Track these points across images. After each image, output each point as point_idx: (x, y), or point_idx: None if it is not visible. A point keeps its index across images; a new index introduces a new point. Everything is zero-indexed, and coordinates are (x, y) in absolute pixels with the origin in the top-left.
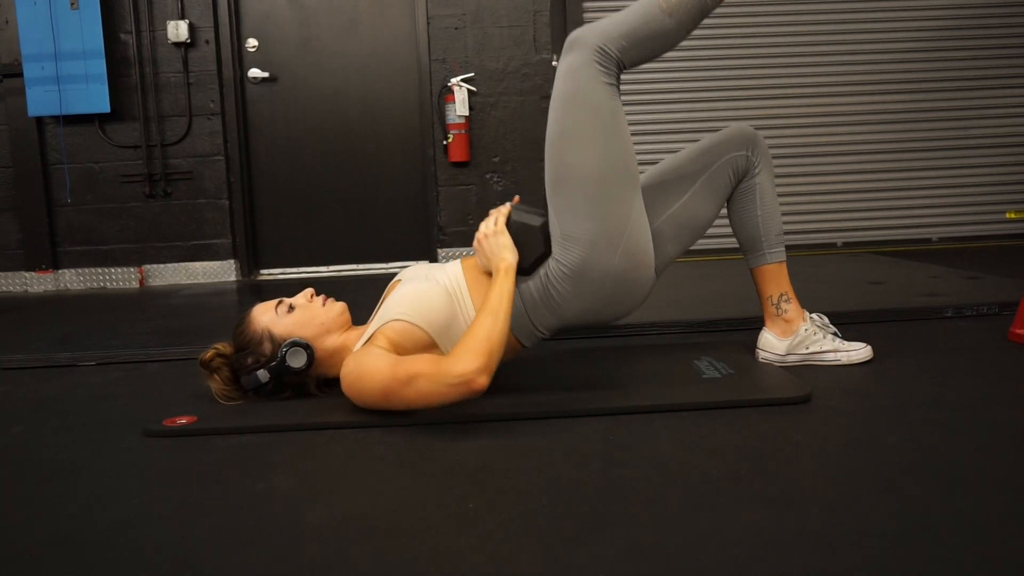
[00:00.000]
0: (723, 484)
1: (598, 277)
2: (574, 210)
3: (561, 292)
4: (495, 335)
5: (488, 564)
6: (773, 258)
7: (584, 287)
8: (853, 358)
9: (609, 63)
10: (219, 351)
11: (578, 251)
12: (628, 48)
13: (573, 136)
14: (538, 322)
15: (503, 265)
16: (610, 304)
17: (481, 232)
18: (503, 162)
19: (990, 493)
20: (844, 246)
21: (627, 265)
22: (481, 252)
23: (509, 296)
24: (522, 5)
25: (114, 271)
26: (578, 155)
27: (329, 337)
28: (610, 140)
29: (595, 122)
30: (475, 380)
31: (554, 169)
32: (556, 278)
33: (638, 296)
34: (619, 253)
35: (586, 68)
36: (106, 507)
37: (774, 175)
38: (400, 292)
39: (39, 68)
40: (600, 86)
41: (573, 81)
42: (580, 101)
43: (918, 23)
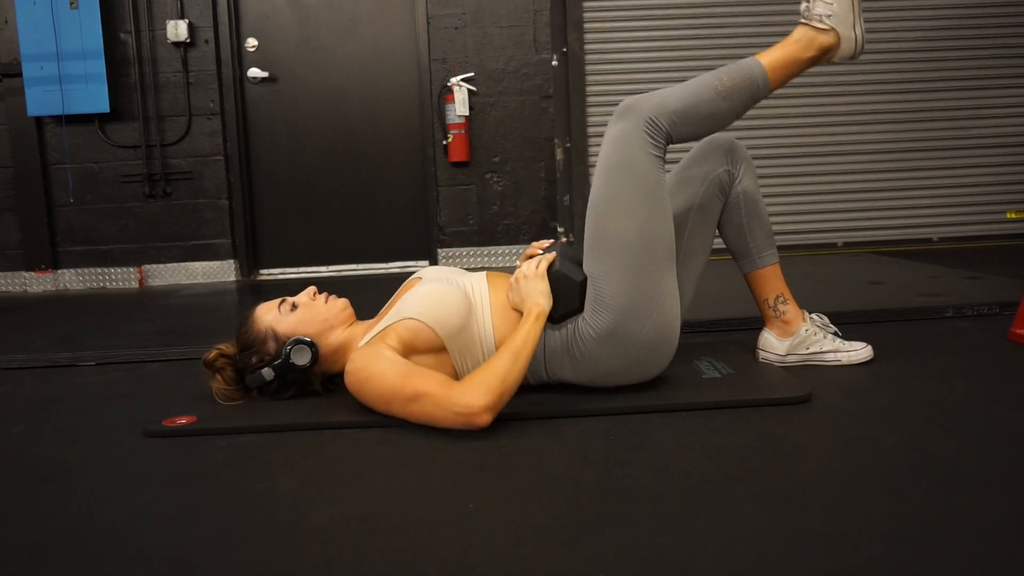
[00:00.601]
0: (723, 484)
1: (624, 344)
2: (609, 276)
3: (584, 352)
4: (511, 377)
5: (488, 564)
6: (764, 262)
7: (609, 351)
8: (854, 358)
9: (658, 135)
10: (222, 351)
11: (609, 317)
12: (679, 124)
13: (617, 203)
14: (552, 371)
15: (536, 310)
16: (629, 372)
17: (522, 271)
18: (503, 162)
19: (990, 493)
20: (844, 246)
21: (654, 337)
22: (516, 290)
23: (535, 341)
24: (522, 5)
25: (114, 271)
26: (620, 223)
27: (333, 333)
28: (653, 212)
29: (640, 193)
30: (480, 416)
31: (595, 234)
32: (583, 338)
33: (657, 367)
34: (648, 324)
35: (635, 137)
36: (106, 507)
37: (756, 177)
38: (420, 290)
39: (39, 68)
40: (647, 157)
41: (622, 150)
42: (627, 170)
43: (917, 23)
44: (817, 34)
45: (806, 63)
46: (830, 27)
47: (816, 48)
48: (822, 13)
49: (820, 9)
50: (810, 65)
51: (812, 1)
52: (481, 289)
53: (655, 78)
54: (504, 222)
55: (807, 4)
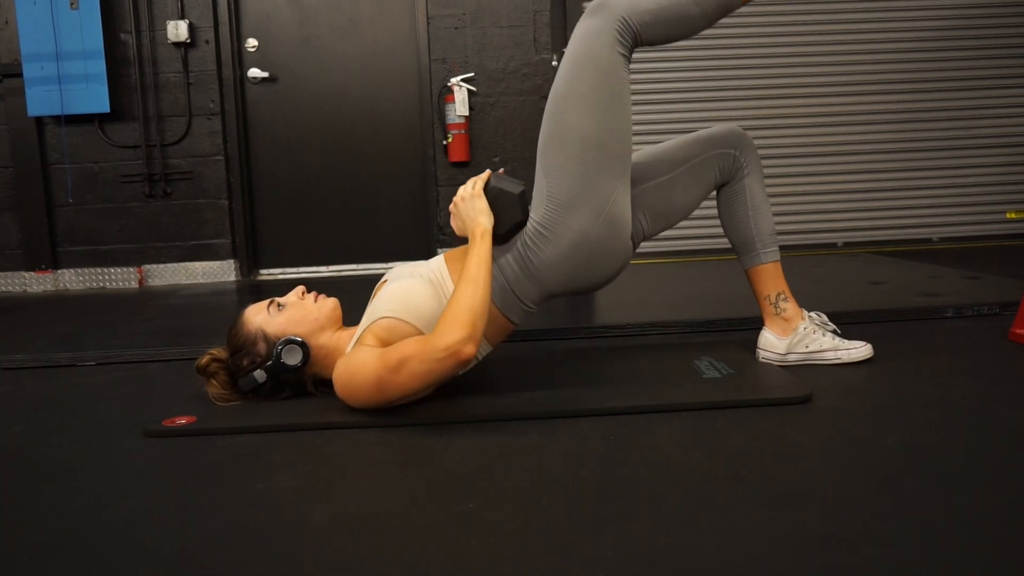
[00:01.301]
0: (723, 484)
1: (576, 240)
2: (563, 170)
3: (540, 257)
4: (477, 302)
5: (488, 564)
6: (767, 258)
7: (562, 250)
8: (853, 356)
9: (627, 35)
10: (214, 356)
11: (559, 211)
12: (650, 24)
13: (579, 97)
14: (522, 295)
15: (479, 230)
16: (587, 270)
17: (458, 195)
18: (503, 162)
19: (990, 493)
20: (844, 246)
21: (606, 232)
22: (457, 215)
23: (487, 261)
24: (522, 5)
25: (114, 271)
26: (580, 117)
27: (323, 334)
28: (613, 109)
29: (603, 88)
30: (462, 350)
31: (552, 126)
32: (534, 241)
33: (614, 264)
34: (600, 219)
35: (606, 35)
36: (106, 507)
37: (763, 176)
38: (385, 291)
39: (39, 68)
40: (614, 55)
41: (590, 44)
42: (592, 65)
43: (918, 23)
44: None
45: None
46: None
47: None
48: None
49: None
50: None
51: None
52: (439, 268)
53: (655, 78)
54: None
55: None
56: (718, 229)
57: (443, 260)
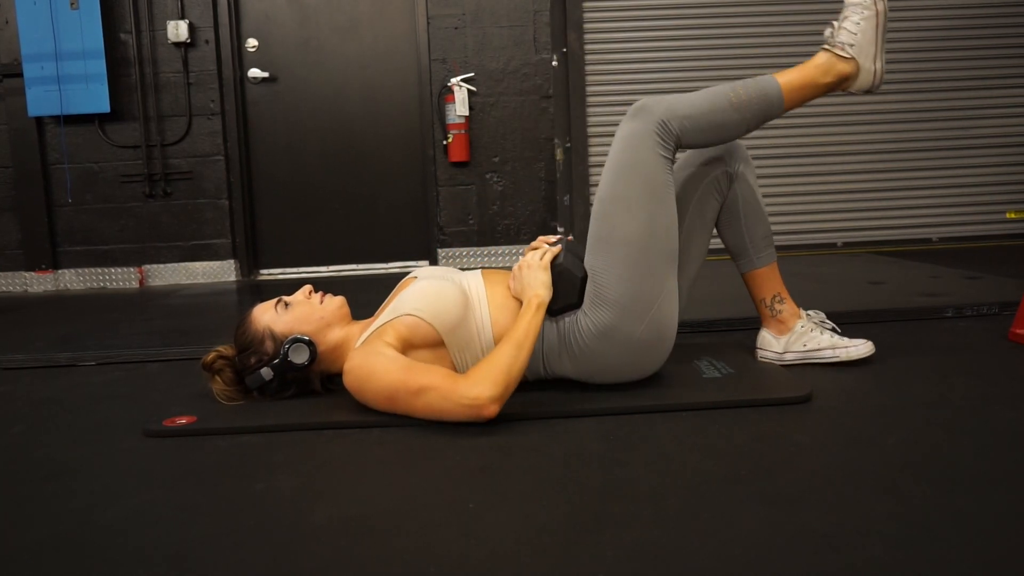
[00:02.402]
0: (723, 484)
1: (621, 341)
2: (611, 273)
3: (581, 347)
4: (516, 367)
5: (488, 564)
6: (761, 262)
7: (606, 348)
8: (852, 354)
9: (668, 138)
10: (220, 353)
11: (607, 312)
12: (689, 130)
13: (624, 202)
14: (550, 366)
15: (536, 301)
16: (626, 368)
17: (525, 261)
18: (503, 162)
19: (990, 493)
20: (844, 246)
21: (651, 336)
22: (519, 279)
23: (536, 331)
24: (522, 5)
25: (114, 271)
26: (625, 219)
27: (330, 332)
28: (658, 211)
29: (647, 193)
30: (487, 407)
31: (599, 228)
32: (581, 332)
33: (654, 365)
34: (646, 322)
35: (647, 137)
36: (106, 507)
37: (755, 176)
38: (417, 287)
39: (39, 68)
40: (656, 158)
41: (632, 149)
42: (635, 170)
43: (918, 23)
44: (837, 61)
45: (823, 88)
46: (851, 56)
47: (835, 75)
48: (845, 42)
49: (844, 37)
50: (827, 91)
51: (837, 28)
52: (478, 285)
53: (655, 78)
54: (504, 222)
55: (831, 31)
56: None
57: (481, 278)
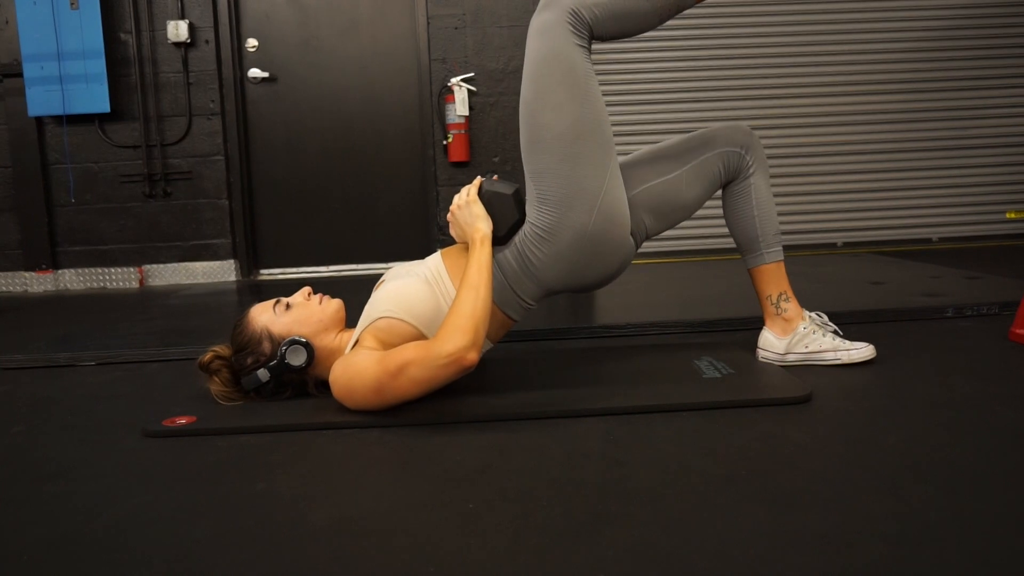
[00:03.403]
0: (723, 484)
1: (574, 237)
2: (549, 171)
3: (539, 256)
4: (479, 308)
5: (488, 564)
6: (771, 258)
7: (561, 248)
8: (854, 357)
9: (581, 27)
10: (217, 353)
11: (553, 212)
12: (601, 18)
13: (547, 97)
14: (521, 292)
15: (478, 235)
16: (588, 266)
17: (454, 204)
18: (503, 162)
19: (990, 493)
20: (844, 246)
21: (603, 224)
22: (455, 224)
23: (488, 266)
24: (522, 5)
25: (114, 271)
26: (553, 115)
27: (327, 335)
28: (584, 101)
29: (569, 83)
30: (465, 356)
31: (529, 130)
32: (532, 242)
33: (616, 259)
34: (595, 212)
35: (559, 28)
36: (106, 507)
37: (769, 175)
38: (383, 291)
39: (39, 68)
40: (573, 48)
41: (546, 41)
42: (554, 62)
43: (918, 23)
44: None
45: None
46: None
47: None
48: None
49: None
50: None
51: None
52: (436, 266)
53: (655, 78)
54: None
55: None
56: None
57: (440, 258)
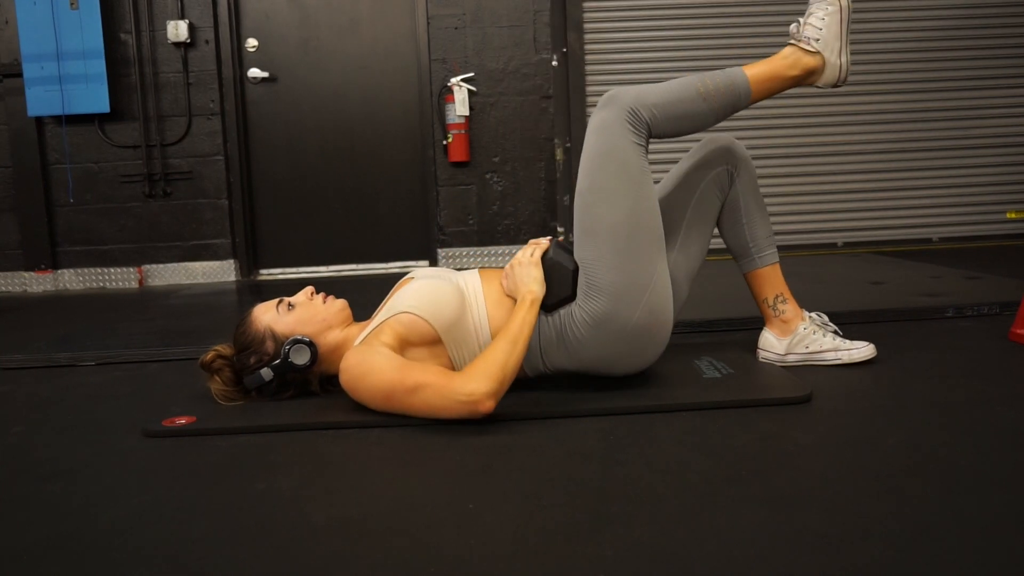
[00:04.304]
0: (723, 484)
1: (617, 329)
2: (601, 262)
3: (579, 338)
4: (511, 363)
5: (488, 564)
6: (763, 262)
7: (603, 337)
8: (854, 356)
9: (639, 125)
10: (219, 352)
11: (602, 302)
12: (659, 118)
13: (603, 190)
14: (548, 360)
15: (530, 297)
16: (624, 357)
17: (517, 259)
18: (503, 162)
19: (990, 493)
20: (844, 246)
21: (648, 321)
22: (511, 277)
23: (531, 327)
24: (522, 5)
25: (114, 271)
26: (607, 208)
27: (331, 333)
28: (639, 197)
29: (624, 179)
30: (483, 403)
31: (583, 221)
32: (577, 324)
33: (653, 352)
34: (641, 307)
35: (617, 126)
36: (106, 507)
37: (756, 178)
38: (413, 287)
39: (39, 68)
40: (630, 145)
41: (605, 138)
42: (610, 157)
43: (918, 23)
44: (803, 55)
45: (789, 81)
46: (816, 50)
47: (801, 68)
48: (811, 36)
49: (809, 32)
50: (793, 84)
51: (803, 24)
52: (474, 283)
53: (655, 78)
54: (504, 222)
55: (797, 25)
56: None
57: (479, 277)
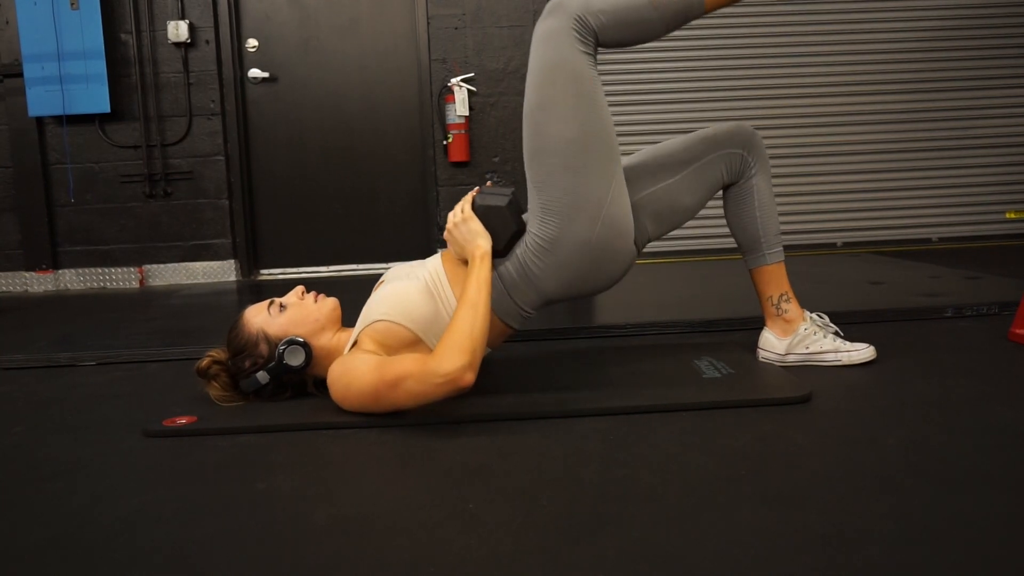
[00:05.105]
0: (723, 484)
1: (577, 247)
2: (553, 181)
3: (539, 266)
4: (476, 328)
5: (488, 564)
6: (772, 259)
7: (562, 258)
8: (854, 358)
9: (587, 33)
10: (215, 358)
11: (557, 222)
12: (607, 25)
13: (552, 106)
14: (520, 301)
15: (478, 252)
16: (590, 275)
17: (450, 222)
18: (503, 162)
19: (990, 493)
20: (844, 246)
21: (607, 234)
22: (453, 242)
23: (487, 284)
24: (522, 5)
25: (114, 271)
26: (557, 125)
27: (324, 334)
28: (589, 110)
29: (574, 92)
30: (461, 377)
31: (533, 139)
32: (534, 252)
33: (618, 268)
34: (599, 222)
35: (564, 34)
36: (106, 507)
37: (771, 176)
38: (380, 293)
39: (39, 68)
40: (578, 55)
41: (551, 48)
42: (559, 70)
43: (918, 23)
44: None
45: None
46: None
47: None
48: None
49: None
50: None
51: None
52: (436, 270)
53: (654, 77)
54: None
55: None
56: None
57: (440, 261)
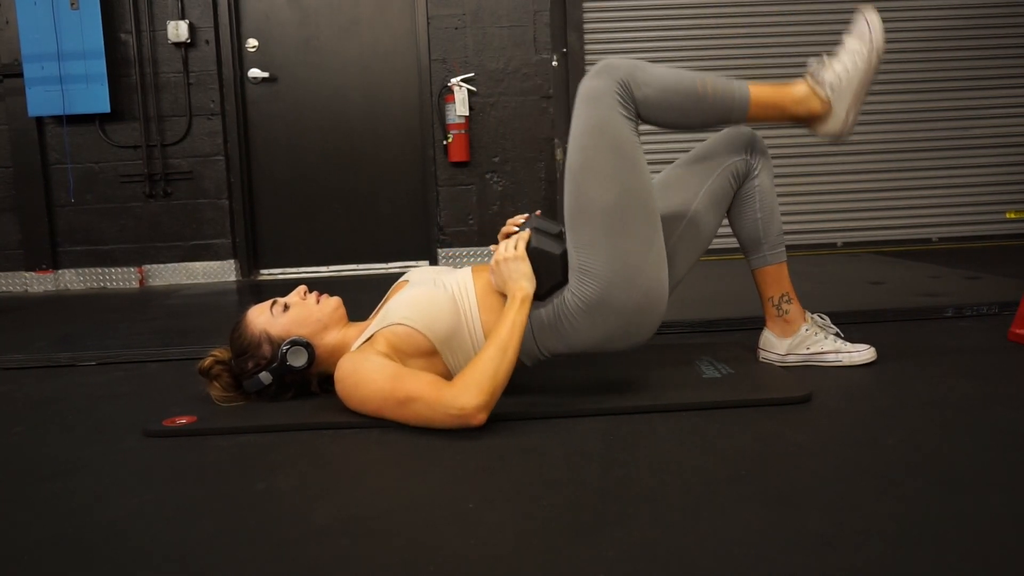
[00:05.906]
0: (723, 484)
1: (612, 312)
2: (593, 245)
3: (573, 323)
4: (502, 371)
5: (488, 564)
6: (774, 259)
7: (597, 320)
8: (855, 359)
9: (628, 100)
10: (217, 358)
11: (595, 286)
12: (649, 101)
13: (593, 169)
14: (543, 347)
15: (520, 295)
16: (620, 337)
17: (499, 254)
18: (503, 162)
19: (990, 493)
20: (844, 246)
21: (642, 301)
22: (498, 274)
23: (520, 328)
24: (522, 5)
25: (114, 271)
26: (598, 189)
27: (328, 334)
28: (630, 175)
29: (617, 156)
30: (474, 416)
31: (574, 200)
32: (571, 309)
33: (648, 331)
34: (636, 289)
35: (607, 97)
36: (106, 507)
37: (773, 174)
38: (407, 294)
39: (39, 68)
40: (619, 118)
41: (594, 109)
42: (600, 133)
43: (918, 23)
44: (813, 97)
45: (789, 117)
46: (827, 98)
47: (806, 110)
48: (828, 81)
49: (829, 77)
50: (791, 121)
51: (826, 65)
52: (466, 286)
53: None
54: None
55: (819, 64)
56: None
57: (471, 276)
